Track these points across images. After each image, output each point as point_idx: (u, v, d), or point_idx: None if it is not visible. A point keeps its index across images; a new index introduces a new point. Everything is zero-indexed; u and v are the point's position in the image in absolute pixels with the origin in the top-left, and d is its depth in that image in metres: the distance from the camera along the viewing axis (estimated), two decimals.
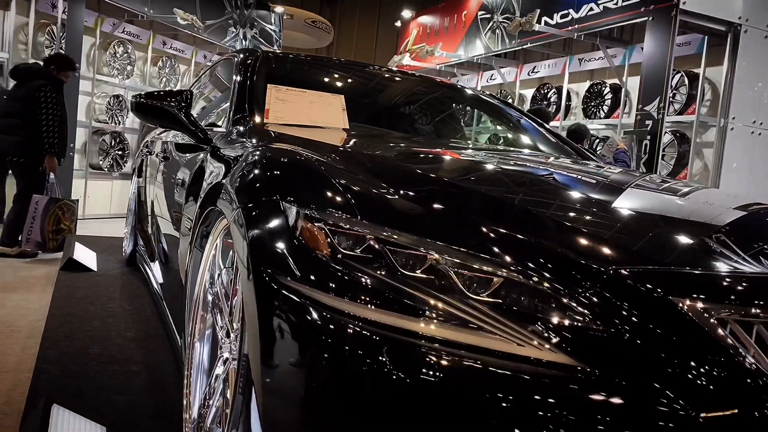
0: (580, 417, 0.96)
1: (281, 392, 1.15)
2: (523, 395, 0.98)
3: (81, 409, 2.05)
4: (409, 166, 1.66)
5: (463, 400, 0.99)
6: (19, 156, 5.19)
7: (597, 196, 1.62)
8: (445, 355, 1.03)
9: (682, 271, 1.12)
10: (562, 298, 1.07)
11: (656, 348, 1.02)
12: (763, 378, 1.00)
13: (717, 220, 1.50)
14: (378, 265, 1.14)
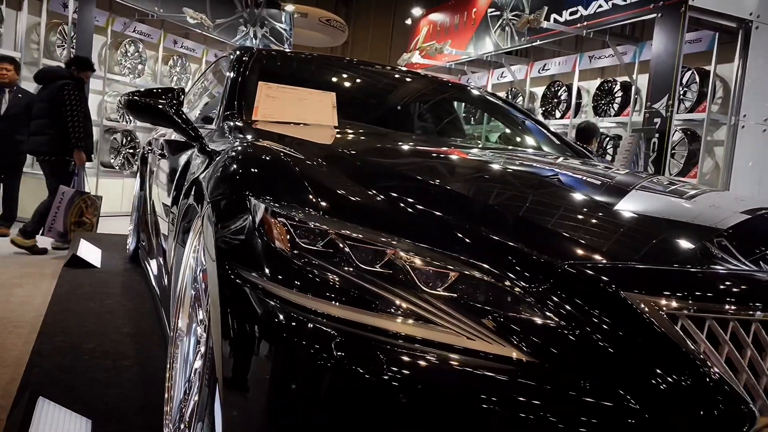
0: (527, 409, 0.96)
1: (241, 385, 1.16)
2: (471, 388, 0.98)
3: (69, 403, 2.07)
4: (379, 162, 1.66)
5: (415, 392, 0.99)
6: (50, 154, 5.49)
7: (558, 191, 1.62)
8: (397, 349, 1.03)
9: (634, 266, 1.11)
10: (516, 293, 1.06)
11: (606, 342, 1.01)
12: (712, 373, 0.99)
13: (674, 215, 1.48)
14: (337, 260, 1.14)
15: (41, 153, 5.57)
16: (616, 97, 7.92)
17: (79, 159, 5.59)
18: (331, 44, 18.26)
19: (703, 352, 1.01)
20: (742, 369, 1.01)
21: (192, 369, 1.68)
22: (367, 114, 2.88)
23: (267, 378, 1.09)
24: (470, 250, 1.13)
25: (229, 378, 1.18)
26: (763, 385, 1.02)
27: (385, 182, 1.41)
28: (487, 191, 1.51)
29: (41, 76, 5.81)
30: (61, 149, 5.50)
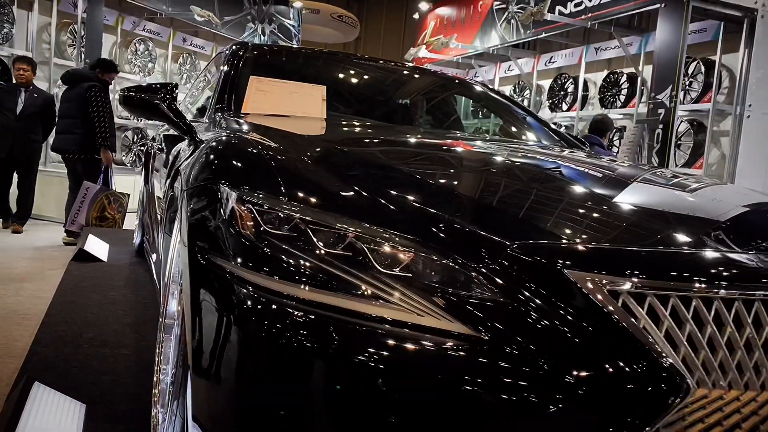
0: (471, 380, 1.01)
1: (208, 365, 1.21)
2: (419, 361, 1.03)
3: (64, 388, 2.14)
4: (351, 150, 1.70)
5: (369, 367, 1.04)
6: (78, 153, 5.75)
7: (516, 176, 1.66)
8: (353, 326, 1.08)
9: (577, 246, 1.15)
10: (466, 273, 1.11)
11: (549, 318, 1.05)
12: (650, 348, 1.03)
13: (624, 197, 1.52)
14: (300, 243, 1.19)
15: (69, 151, 5.81)
16: (623, 88, 7.90)
17: (107, 158, 5.87)
18: (343, 40, 18.28)
19: (643, 327, 1.05)
20: (681, 343, 1.05)
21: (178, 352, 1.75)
22: (359, 106, 2.93)
23: (232, 357, 1.14)
24: (425, 233, 1.17)
25: (197, 358, 1.24)
26: (701, 358, 1.05)
27: (352, 169, 1.46)
28: (448, 177, 1.55)
29: (68, 77, 6.07)
30: (88, 148, 5.77)
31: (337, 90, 2.95)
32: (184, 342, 1.35)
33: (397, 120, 2.88)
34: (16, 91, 6.18)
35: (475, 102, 3.41)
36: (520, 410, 1.01)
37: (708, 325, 1.07)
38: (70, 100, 5.83)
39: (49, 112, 6.44)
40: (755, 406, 1.06)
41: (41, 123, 6.36)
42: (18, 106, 6.13)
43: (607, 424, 0.99)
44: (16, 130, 6.10)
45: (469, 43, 9.51)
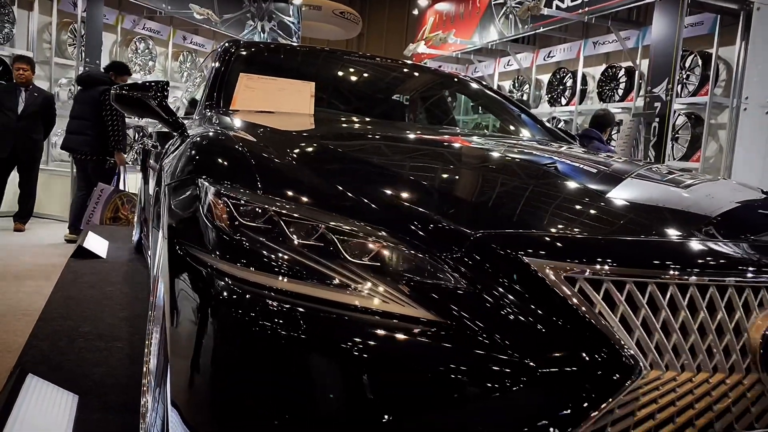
0: (434, 364, 1.05)
1: (186, 352, 1.25)
2: (385, 346, 1.07)
3: (58, 380, 2.19)
4: (329, 144, 1.74)
5: (337, 351, 1.08)
6: (91, 154, 5.94)
7: (485, 167, 1.71)
8: (323, 314, 1.12)
9: (537, 234, 1.18)
10: (430, 261, 1.15)
11: (508, 304, 1.09)
12: (604, 331, 1.07)
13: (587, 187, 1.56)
14: (274, 235, 1.23)
15: (81, 152, 5.98)
16: (621, 82, 7.91)
17: (120, 160, 6.09)
18: (345, 37, 18.29)
19: (599, 312, 1.09)
20: (635, 327, 1.09)
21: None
22: (349, 103, 2.97)
23: (207, 345, 1.19)
24: (394, 224, 1.21)
25: (175, 346, 1.28)
26: (654, 341, 1.09)
27: (328, 163, 1.50)
28: (420, 169, 1.59)
29: (82, 79, 6.22)
30: (100, 150, 5.95)
31: (328, 86, 2.99)
32: (164, 331, 1.40)
33: (387, 116, 2.92)
34: (16, 90, 6.24)
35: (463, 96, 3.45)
36: (481, 392, 1.05)
37: (662, 309, 1.11)
38: (84, 102, 5.97)
39: (49, 111, 6.51)
40: (708, 387, 1.10)
41: (42, 122, 6.43)
42: (19, 106, 6.21)
43: (564, 404, 1.03)
44: (18, 130, 6.18)
45: (468, 38, 9.53)
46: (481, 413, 1.05)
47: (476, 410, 1.05)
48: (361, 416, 1.05)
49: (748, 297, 1.16)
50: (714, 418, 1.10)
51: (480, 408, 1.05)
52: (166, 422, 1.29)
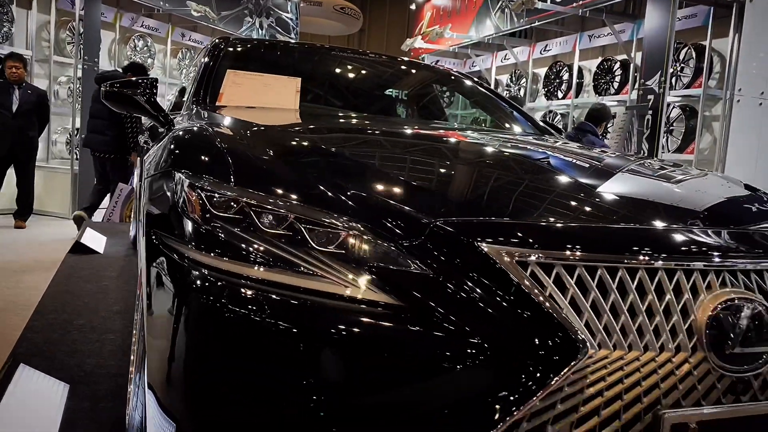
0: (391, 345, 1.11)
1: (161, 337, 1.31)
2: (346, 328, 1.13)
3: (50, 370, 2.26)
4: (300, 138, 1.80)
5: (303, 334, 1.14)
6: (109, 153, 6.07)
7: (448, 157, 1.77)
8: (289, 299, 1.18)
9: (491, 221, 1.23)
10: (391, 248, 1.20)
11: (464, 288, 1.14)
12: (554, 313, 1.12)
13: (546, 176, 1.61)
14: (244, 225, 1.28)
15: (99, 151, 6.12)
16: (616, 75, 7.94)
17: (135, 159, 6.19)
18: (346, 32, 18.30)
19: (549, 294, 1.14)
20: (584, 309, 1.14)
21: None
22: (336, 98, 3.02)
23: (179, 329, 1.24)
24: (359, 213, 1.26)
25: (151, 331, 1.34)
26: (602, 322, 1.14)
27: (301, 156, 1.55)
28: (388, 160, 1.64)
29: (100, 79, 6.27)
30: (118, 149, 6.09)
31: (316, 82, 3.04)
32: (142, 317, 1.46)
33: (374, 110, 2.97)
34: (10, 89, 6.30)
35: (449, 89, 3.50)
36: (437, 371, 1.10)
37: (612, 292, 1.16)
38: (101, 102, 6.04)
39: (43, 108, 6.59)
40: (655, 365, 1.15)
41: (36, 119, 6.50)
42: (14, 104, 6.27)
43: (515, 381, 1.09)
44: (14, 128, 6.24)
45: (465, 32, 9.55)
46: (438, 391, 1.11)
47: (433, 388, 1.11)
48: (328, 395, 1.11)
49: (696, 280, 1.21)
50: (661, 395, 1.15)
51: (436, 386, 1.10)
52: (145, 405, 1.34)
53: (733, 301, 1.20)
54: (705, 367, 1.18)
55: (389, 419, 1.11)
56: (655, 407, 1.15)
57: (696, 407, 1.17)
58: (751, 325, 1.20)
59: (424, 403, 1.11)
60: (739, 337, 1.18)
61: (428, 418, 1.10)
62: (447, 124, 2.98)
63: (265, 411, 1.14)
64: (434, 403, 1.11)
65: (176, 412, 1.22)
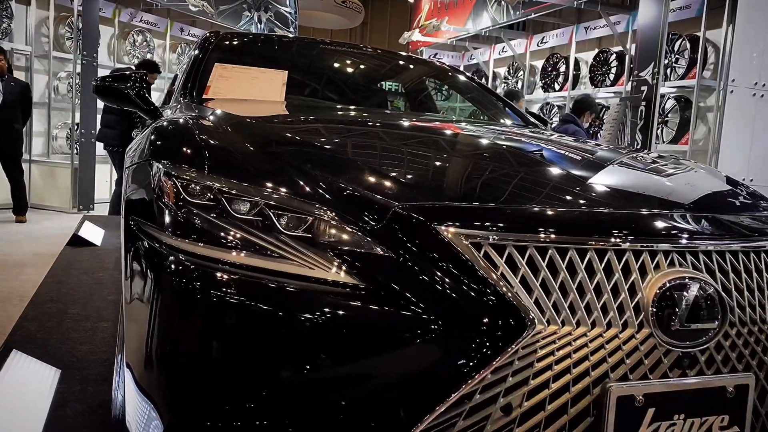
0: (353, 321, 1.17)
1: (135, 319, 1.37)
2: (311, 307, 1.19)
3: (43, 357, 2.33)
4: (276, 128, 1.85)
5: (270, 312, 1.20)
6: (118, 146, 6.13)
7: (414, 145, 1.82)
8: (256, 280, 1.24)
9: (447, 205, 1.29)
10: (355, 231, 1.26)
11: (423, 268, 1.20)
12: (505, 291, 1.18)
13: (502, 162, 1.67)
14: (217, 211, 1.34)
15: (112, 145, 6.22)
16: (612, 67, 7.96)
17: None
18: (347, 26, 18.30)
19: (501, 274, 1.20)
20: (534, 287, 1.20)
21: None
22: (324, 90, 3.08)
23: (154, 310, 1.30)
24: (326, 199, 1.32)
25: (129, 312, 1.41)
26: (552, 300, 1.20)
27: (275, 145, 1.61)
28: (356, 148, 1.70)
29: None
30: (128, 142, 6.13)
31: (304, 75, 3.10)
32: (123, 300, 1.52)
33: (361, 102, 3.03)
34: None
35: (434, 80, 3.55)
36: (395, 346, 1.17)
37: (561, 271, 1.22)
38: None
39: (26, 100, 6.60)
40: (602, 341, 1.21)
41: (20, 111, 6.53)
42: None
43: (467, 355, 1.15)
44: (0, 121, 6.28)
45: (462, 25, 9.58)
46: (398, 364, 1.17)
47: (393, 362, 1.17)
48: (295, 370, 1.17)
49: (645, 260, 1.27)
50: (609, 369, 1.21)
51: (396, 360, 1.17)
52: (125, 384, 1.41)
53: (679, 280, 1.25)
54: (651, 343, 1.24)
55: (353, 390, 1.18)
56: (603, 381, 1.21)
57: (643, 380, 1.23)
58: (697, 302, 1.26)
59: (385, 376, 1.18)
60: (684, 314, 1.24)
61: (389, 389, 1.17)
62: (425, 114, 3.03)
63: (237, 389, 1.20)
64: (394, 375, 1.17)
65: (151, 390, 1.28)
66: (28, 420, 1.85)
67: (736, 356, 1.32)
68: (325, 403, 1.18)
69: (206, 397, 1.22)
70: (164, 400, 1.26)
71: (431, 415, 1.14)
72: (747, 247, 1.38)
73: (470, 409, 1.16)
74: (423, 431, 1.14)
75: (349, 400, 1.17)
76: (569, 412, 1.20)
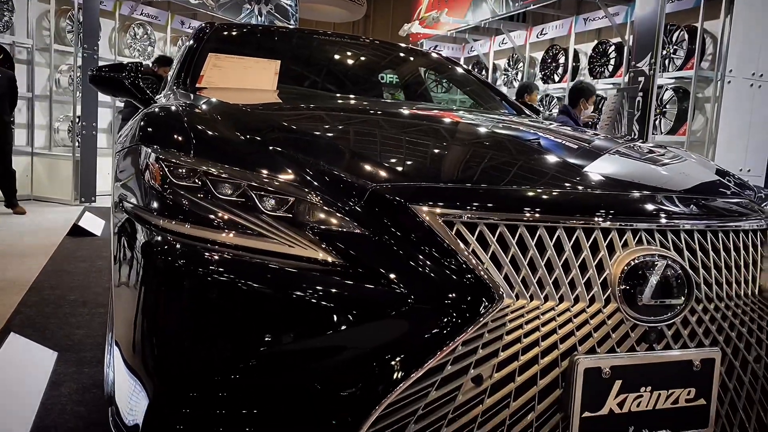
0: (334, 297, 1.22)
1: (122, 297, 1.43)
2: (292, 282, 1.24)
3: (40, 340, 2.39)
4: (262, 114, 1.90)
5: (249, 290, 1.25)
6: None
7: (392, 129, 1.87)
8: (239, 258, 1.29)
9: (422, 185, 1.34)
10: (333, 211, 1.31)
11: (397, 245, 1.25)
12: (479, 268, 1.22)
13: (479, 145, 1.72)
14: (202, 193, 1.39)
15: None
16: (611, 58, 7.97)
17: None
18: (350, 19, 18.31)
19: (472, 250, 1.24)
20: (504, 264, 1.24)
21: None
22: (317, 79, 3.12)
23: (140, 287, 1.35)
24: (306, 181, 1.37)
25: (117, 290, 1.46)
26: (521, 276, 1.24)
27: (259, 130, 1.65)
28: (338, 132, 1.74)
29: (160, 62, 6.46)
30: None
31: (297, 64, 3.14)
32: (112, 279, 1.58)
33: (351, 90, 3.07)
34: None
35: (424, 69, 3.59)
36: (369, 318, 1.22)
37: (530, 249, 1.26)
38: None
39: (13, 90, 6.62)
40: (569, 315, 1.25)
41: (8, 102, 6.56)
42: None
43: (440, 327, 1.20)
44: None
45: (461, 17, 9.59)
46: (373, 336, 1.22)
47: (369, 334, 1.22)
48: (276, 343, 1.23)
49: (613, 238, 1.31)
50: (577, 342, 1.26)
51: (372, 332, 1.22)
52: (114, 361, 1.46)
53: (646, 257, 1.30)
54: (618, 317, 1.28)
55: (330, 361, 1.23)
56: (571, 354, 1.25)
57: (610, 354, 1.28)
58: (663, 279, 1.30)
59: (360, 348, 1.22)
60: (650, 290, 1.28)
61: (365, 360, 1.22)
62: (408, 102, 3.08)
63: (219, 363, 1.25)
64: (369, 347, 1.22)
65: (136, 365, 1.34)
66: (24, 398, 1.91)
67: (703, 331, 1.36)
68: (304, 375, 1.23)
69: (190, 371, 1.27)
70: (149, 375, 1.31)
71: (405, 382, 1.18)
72: (715, 227, 1.42)
73: (442, 379, 1.20)
74: (397, 400, 1.19)
75: (327, 371, 1.22)
76: (538, 384, 1.24)
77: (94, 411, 1.91)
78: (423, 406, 1.20)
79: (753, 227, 1.50)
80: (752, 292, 1.45)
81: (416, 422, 1.20)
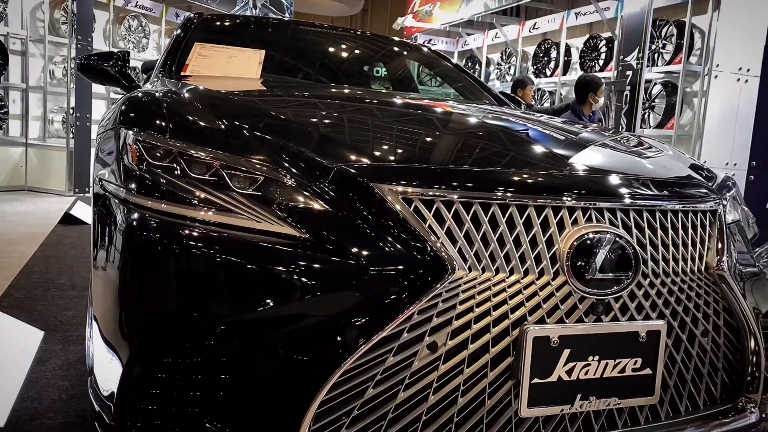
0: (297, 269, 1.29)
1: (100, 272, 1.50)
2: (257, 256, 1.31)
3: (27, 320, 2.46)
4: (238, 99, 1.97)
5: (219, 264, 1.32)
6: None
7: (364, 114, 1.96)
8: (210, 232, 1.36)
9: (383, 164, 1.41)
10: (300, 189, 1.38)
11: (359, 221, 1.33)
12: (435, 242, 1.30)
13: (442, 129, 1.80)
14: (175, 172, 1.46)
15: None
16: (601, 52, 8.04)
17: None
18: (347, 13, 18.32)
19: (429, 226, 1.32)
20: (459, 238, 1.32)
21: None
22: (298, 68, 3.19)
23: (115, 262, 1.42)
24: (275, 160, 1.44)
25: (95, 266, 1.53)
26: (474, 249, 1.32)
27: (234, 114, 1.72)
28: (309, 116, 1.81)
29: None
30: None
31: (282, 54, 3.21)
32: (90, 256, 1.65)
33: (335, 80, 3.14)
34: None
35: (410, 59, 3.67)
36: (331, 288, 1.29)
37: (483, 224, 1.34)
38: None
39: None
40: (519, 286, 1.33)
41: None
42: None
43: (398, 296, 1.27)
44: None
45: (455, 11, 9.64)
46: (332, 305, 1.29)
47: (328, 303, 1.29)
48: (238, 307, 1.30)
49: (563, 216, 1.39)
50: (527, 312, 1.33)
51: (331, 301, 1.29)
52: (93, 334, 1.54)
53: (593, 233, 1.37)
54: (566, 290, 1.36)
55: (293, 327, 1.30)
56: (521, 323, 1.33)
57: (558, 324, 1.35)
58: (610, 254, 1.38)
59: (322, 315, 1.30)
60: (596, 264, 1.36)
61: (325, 326, 1.29)
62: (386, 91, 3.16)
63: (188, 331, 1.32)
64: (330, 314, 1.29)
65: (111, 338, 1.41)
66: (11, 373, 1.98)
67: (650, 305, 1.44)
68: (268, 342, 1.30)
69: (159, 340, 1.34)
70: (121, 345, 1.38)
71: (364, 347, 1.26)
72: (664, 207, 1.50)
73: (399, 346, 1.28)
74: (356, 365, 1.27)
75: (290, 338, 1.30)
76: (490, 351, 1.32)
77: (77, 384, 1.98)
78: (381, 371, 1.28)
79: (703, 208, 1.58)
80: (698, 268, 1.52)
81: (375, 386, 1.28)
